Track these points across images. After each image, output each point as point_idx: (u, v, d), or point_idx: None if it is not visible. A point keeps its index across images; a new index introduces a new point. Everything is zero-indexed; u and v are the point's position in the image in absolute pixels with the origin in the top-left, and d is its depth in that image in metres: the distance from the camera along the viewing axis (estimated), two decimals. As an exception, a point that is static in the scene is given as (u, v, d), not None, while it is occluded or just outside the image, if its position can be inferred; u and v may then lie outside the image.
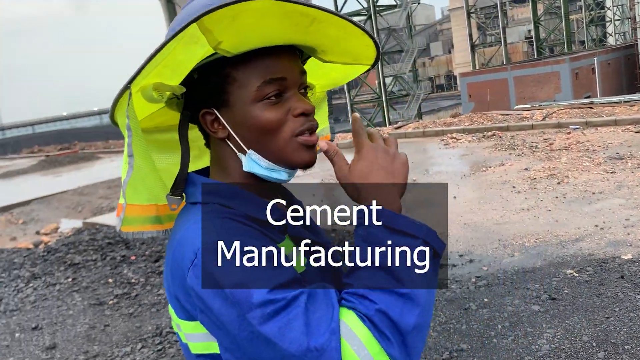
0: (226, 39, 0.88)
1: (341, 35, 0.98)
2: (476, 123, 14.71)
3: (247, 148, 0.96)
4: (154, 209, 1.03)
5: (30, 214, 12.85)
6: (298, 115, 0.95)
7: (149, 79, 0.89)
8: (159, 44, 0.85)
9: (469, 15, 52.25)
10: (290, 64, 0.96)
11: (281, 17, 0.88)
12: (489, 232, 6.16)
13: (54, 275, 6.51)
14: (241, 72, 0.93)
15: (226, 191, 0.95)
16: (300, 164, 0.98)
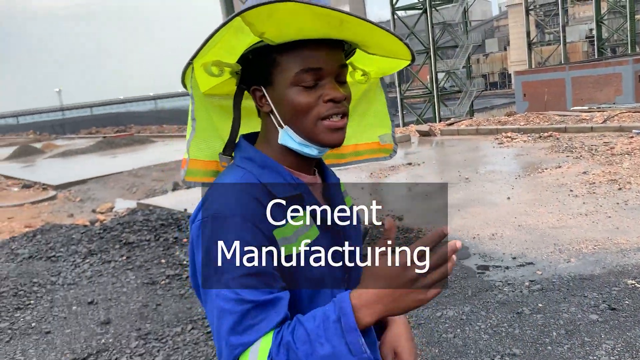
0: (268, 31, 1.01)
1: (371, 34, 1.06)
2: (532, 123, 14.31)
3: (284, 124, 1.09)
4: (214, 165, 1.20)
5: (87, 192, 13.33)
6: (327, 100, 1.06)
7: (209, 57, 1.07)
8: (212, 30, 1.00)
9: (528, 12, 50.72)
10: (328, 56, 1.07)
11: (312, 16, 0.98)
12: (544, 236, 5.99)
13: (109, 252, 6.72)
14: (284, 58, 1.06)
15: (260, 161, 1.11)
16: (326, 144, 1.09)
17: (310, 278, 1.07)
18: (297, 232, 1.07)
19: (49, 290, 5.71)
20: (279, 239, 1.03)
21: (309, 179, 1.17)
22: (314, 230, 1.09)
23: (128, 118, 53.82)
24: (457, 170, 10.06)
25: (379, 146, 1.46)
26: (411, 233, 6.55)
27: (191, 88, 1.10)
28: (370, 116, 1.43)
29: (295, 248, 1.05)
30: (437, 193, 8.65)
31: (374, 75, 1.33)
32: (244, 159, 1.12)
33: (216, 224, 0.99)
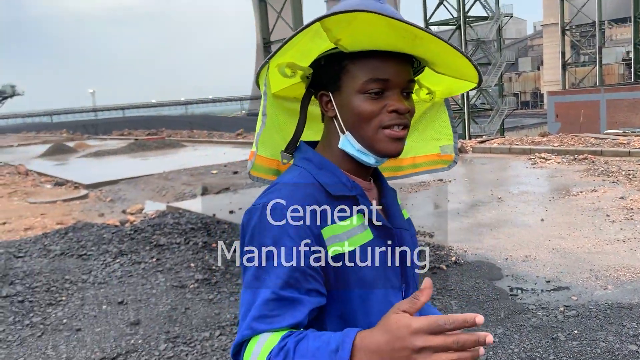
0: (343, 38, 1.05)
1: (442, 52, 1.09)
2: (566, 144, 14.07)
3: (347, 129, 1.13)
4: (275, 163, 1.27)
5: (118, 193, 13.50)
6: (391, 111, 1.09)
7: (285, 58, 1.12)
8: (292, 33, 1.06)
9: (564, 32, 50.13)
10: (396, 69, 1.10)
11: (388, 29, 1.02)
12: (580, 261, 5.85)
13: (139, 253, 6.78)
14: (355, 66, 1.10)
15: (318, 162, 1.14)
16: (384, 153, 1.12)
17: (362, 279, 1.07)
18: (349, 232, 1.08)
19: (80, 287, 5.78)
20: (327, 237, 1.05)
21: (365, 185, 1.19)
22: (367, 233, 1.11)
23: (159, 122, 54.60)
24: (489, 189, 9.93)
25: (439, 157, 1.47)
26: (442, 251, 6.46)
27: (264, 85, 1.15)
28: (431, 130, 1.44)
29: (346, 247, 1.06)
30: (469, 211, 8.56)
31: (439, 95, 1.35)
32: (302, 159, 1.16)
33: (265, 212, 1.03)
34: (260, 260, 1.00)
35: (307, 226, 1.03)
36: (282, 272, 0.98)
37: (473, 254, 6.35)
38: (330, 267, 1.04)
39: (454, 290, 5.26)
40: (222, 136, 28.84)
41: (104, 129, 52.34)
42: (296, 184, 1.09)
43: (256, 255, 1.00)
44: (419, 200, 9.75)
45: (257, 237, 1.02)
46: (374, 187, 1.24)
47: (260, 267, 1.00)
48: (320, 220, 1.05)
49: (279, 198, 1.04)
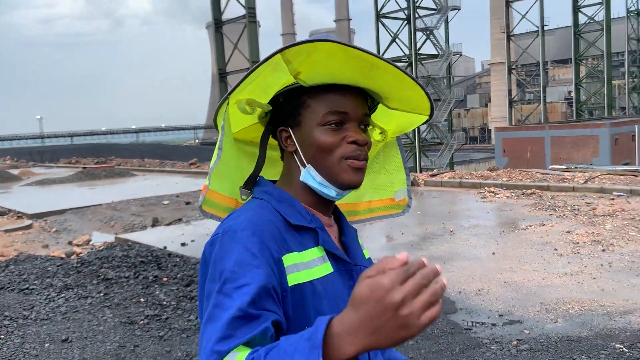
0: (303, 71, 1.08)
1: (397, 83, 1.13)
2: (515, 179, 14.51)
3: (307, 163, 1.14)
4: (234, 202, 1.25)
5: (64, 223, 13.00)
6: (351, 142, 1.12)
7: (244, 94, 1.13)
8: (253, 67, 1.07)
9: (510, 71, 52.31)
10: (354, 103, 1.13)
11: (346, 59, 1.05)
12: (531, 294, 5.96)
13: (86, 287, 6.50)
14: (314, 100, 1.12)
15: (278, 195, 1.15)
16: (346, 183, 1.13)
17: (320, 312, 1.04)
18: (309, 264, 1.07)
19: (20, 324, 5.47)
20: (287, 265, 1.03)
21: (326, 221, 1.19)
22: (327, 266, 1.10)
23: (109, 150, 53.38)
24: (442, 222, 10.09)
25: (393, 202, 1.47)
26: (397, 284, 6.47)
27: (223, 120, 1.15)
28: (384, 174, 1.45)
29: (303, 278, 1.04)
30: (422, 244, 8.65)
31: (392, 134, 1.38)
32: (262, 192, 1.17)
33: (226, 237, 1.02)
34: (223, 286, 0.95)
35: (267, 248, 1.01)
36: (248, 291, 0.93)
37: (427, 287, 6.38)
38: (289, 296, 1.02)
39: (410, 324, 5.25)
40: (174, 165, 28.38)
41: (51, 157, 50.72)
42: (256, 211, 1.09)
43: (218, 283, 0.96)
44: (373, 232, 9.79)
45: (219, 263, 0.99)
46: (335, 225, 1.23)
47: (221, 293, 0.95)
48: (280, 247, 1.04)
49: (238, 223, 1.04)
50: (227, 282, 0.95)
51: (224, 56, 26.29)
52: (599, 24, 46.80)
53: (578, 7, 47.90)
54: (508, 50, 51.49)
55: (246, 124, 1.25)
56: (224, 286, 0.95)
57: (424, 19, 39.83)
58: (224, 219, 1.11)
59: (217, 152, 1.15)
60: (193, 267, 7.27)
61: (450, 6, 40.50)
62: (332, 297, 1.08)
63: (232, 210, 1.22)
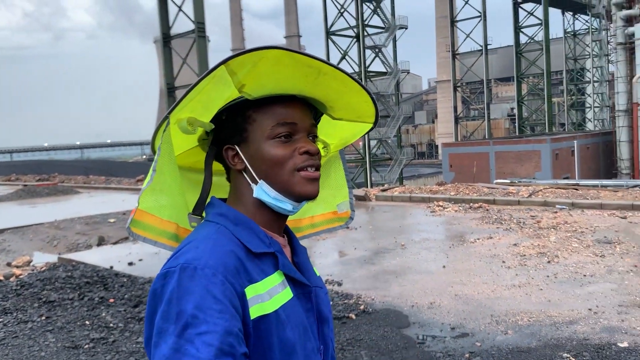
0: (248, 83, 1.05)
1: (343, 89, 1.12)
2: (462, 193, 14.83)
3: (259, 179, 1.10)
4: (174, 227, 1.17)
5: (2, 244, 12.38)
6: (302, 153, 1.10)
7: (185, 113, 1.07)
8: (195, 81, 1.02)
9: (455, 89, 53.84)
10: (301, 113, 1.12)
11: (293, 68, 1.03)
12: (481, 307, 6.06)
13: (26, 311, 6.18)
14: (260, 114, 1.10)
15: (234, 217, 1.09)
16: (302, 194, 1.10)
17: (284, 342, 1.01)
18: (271, 291, 1.03)
19: (-47, 353, 5.14)
20: (250, 297, 0.99)
21: (282, 241, 1.16)
22: (287, 291, 1.07)
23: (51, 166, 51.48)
24: (393, 237, 10.17)
25: (336, 215, 1.46)
26: (350, 299, 6.46)
27: (160, 140, 1.09)
28: (327, 188, 1.43)
29: (269, 308, 1.01)
30: (374, 258, 8.69)
31: (335, 147, 1.37)
32: (217, 214, 1.11)
33: (184, 275, 0.94)
34: (184, 330, 0.89)
35: (232, 285, 0.96)
36: (214, 339, 0.88)
37: (381, 301, 6.40)
38: (251, 329, 0.97)
39: (364, 340, 5.24)
40: (120, 182, 27.60)
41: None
42: (216, 241, 1.02)
43: (175, 325, 0.89)
44: (326, 247, 9.78)
45: (176, 303, 0.91)
46: (288, 245, 1.20)
47: (182, 338, 0.88)
48: (243, 279, 0.99)
49: (198, 258, 0.96)
50: (188, 327, 0.89)
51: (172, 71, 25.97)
52: (539, 43, 48.89)
53: (519, 28, 49.97)
54: (453, 69, 53.03)
55: (185, 147, 1.20)
56: (185, 331, 0.89)
57: (372, 37, 40.61)
58: (180, 248, 1.03)
59: (151, 172, 1.09)
60: (141, 287, 7.04)
61: (397, 25, 41.46)
62: (294, 323, 1.05)
63: (171, 235, 1.17)
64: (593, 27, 59.42)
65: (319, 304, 1.15)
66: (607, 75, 59.35)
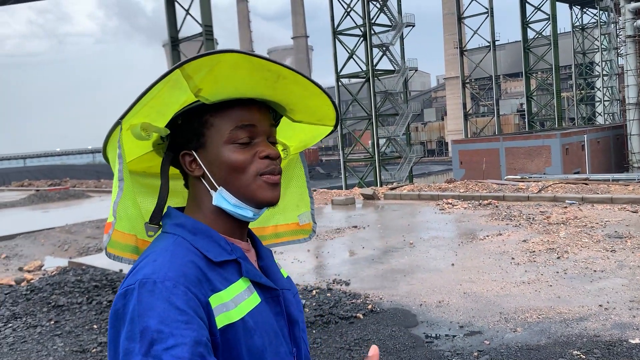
0: (205, 87, 1.01)
1: (304, 93, 1.08)
2: (471, 190, 14.76)
3: (218, 185, 1.06)
4: (133, 239, 1.12)
5: (14, 248, 12.50)
6: (263, 157, 1.06)
7: (138, 118, 1.02)
8: (148, 85, 0.97)
9: (464, 85, 53.56)
10: (260, 116, 1.08)
11: (251, 71, 1.00)
12: (490, 304, 6.02)
13: (35, 316, 6.22)
14: (218, 118, 1.05)
15: (192, 226, 1.05)
16: (263, 200, 1.07)
17: (251, 349, 0.98)
18: (236, 299, 1.00)
19: (-37, 358, 5.18)
20: (215, 306, 0.96)
21: (244, 246, 1.12)
22: (255, 297, 1.04)
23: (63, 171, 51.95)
24: (402, 235, 10.13)
25: (299, 227, 1.40)
26: (358, 299, 6.43)
27: (119, 148, 1.03)
28: (289, 194, 1.38)
29: (235, 316, 0.98)
30: (383, 257, 8.65)
31: (294, 150, 1.32)
32: (173, 225, 1.06)
33: (144, 290, 0.90)
34: (150, 348, 0.85)
35: (195, 295, 0.92)
36: (183, 351, 0.85)
37: (388, 301, 6.37)
38: (218, 339, 0.95)
39: (371, 339, 5.21)
40: (131, 186, 27.76)
41: (2, 180, 48.95)
42: (174, 252, 0.98)
43: (140, 344, 0.85)
44: (334, 247, 9.76)
45: (139, 321, 0.87)
46: (252, 249, 1.16)
47: (149, 355, 0.84)
48: (205, 289, 0.95)
49: (156, 271, 0.92)
50: (154, 343, 0.85)
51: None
52: (547, 38, 48.51)
53: (527, 23, 49.62)
54: (462, 65, 52.78)
55: (139, 153, 1.14)
56: (151, 347, 0.85)
57: (379, 35, 40.47)
58: (137, 264, 0.98)
59: (117, 183, 1.02)
60: (150, 290, 7.07)
61: (404, 23, 41.29)
62: (262, 329, 1.02)
63: (130, 247, 1.11)
64: (601, 20, 58.89)
65: (288, 307, 1.12)
66: (616, 68, 58.75)
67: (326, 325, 5.63)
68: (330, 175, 58.40)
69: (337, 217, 13.19)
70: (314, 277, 7.79)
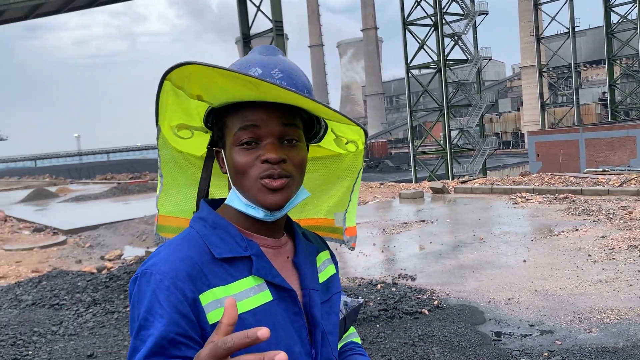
0: (202, 94, 1.03)
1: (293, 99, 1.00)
2: (547, 184, 14.17)
3: (233, 185, 1.08)
4: (185, 222, 1.16)
5: (97, 238, 13.24)
6: (263, 161, 1.03)
7: (171, 120, 1.10)
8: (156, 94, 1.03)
9: (541, 74, 51.34)
10: (267, 116, 1.03)
11: (227, 78, 0.96)
12: (563, 303, 5.76)
13: (113, 302, 6.57)
14: (230, 119, 1.06)
15: (212, 221, 1.07)
16: (263, 205, 1.05)
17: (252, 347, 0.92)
18: (238, 296, 1.00)
19: (48, 340, 5.55)
20: (205, 303, 0.97)
21: (270, 242, 1.11)
22: (266, 294, 1.03)
23: (143, 165, 54.45)
24: (472, 230, 9.89)
25: (335, 226, 1.39)
26: (424, 294, 6.35)
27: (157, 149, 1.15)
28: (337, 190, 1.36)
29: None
30: (451, 253, 8.48)
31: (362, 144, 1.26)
32: (196, 219, 1.10)
33: (143, 280, 0.98)
34: (139, 332, 0.95)
35: (179, 291, 0.96)
36: (151, 341, 0.93)
37: (455, 297, 6.24)
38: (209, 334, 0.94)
39: (436, 336, 5.13)
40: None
41: (88, 173, 51.96)
42: (176, 247, 1.02)
43: (135, 327, 0.96)
44: (401, 242, 9.66)
45: (137, 307, 0.97)
46: (288, 244, 1.15)
47: (138, 339, 0.95)
48: (198, 285, 0.98)
49: (155, 264, 0.99)
50: (142, 329, 0.94)
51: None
52: (632, 22, 45.60)
53: (610, 7, 46.81)
54: (538, 53, 50.62)
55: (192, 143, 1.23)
56: (139, 332, 0.95)
57: (451, 24, 39.48)
58: (151, 254, 1.06)
59: (159, 179, 1.14)
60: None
61: (477, 11, 40.05)
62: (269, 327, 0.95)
63: None
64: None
65: (312, 308, 1.09)
66: None
67: (390, 319, 5.59)
68: (400, 169, 57.75)
69: (405, 211, 13.04)
70: (379, 271, 7.75)
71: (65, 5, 25.46)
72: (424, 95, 42.45)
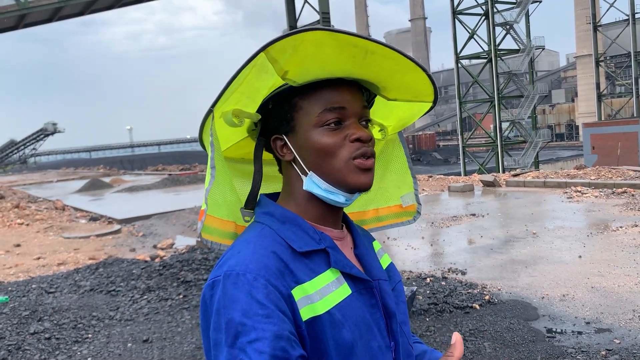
0: (291, 69, 0.98)
1: (396, 68, 1.02)
2: (604, 177, 13.67)
3: (309, 170, 1.04)
4: (232, 226, 1.11)
5: (150, 227, 13.62)
6: (354, 140, 1.02)
7: (229, 105, 1.02)
8: (235, 72, 0.96)
9: (598, 64, 49.37)
10: (350, 96, 1.04)
11: (337, 49, 0.96)
12: (622, 301, 5.56)
13: (166, 290, 6.75)
14: (307, 101, 1.03)
15: (280, 215, 1.04)
16: (355, 186, 1.03)
17: (341, 342, 0.95)
18: (322, 291, 0.97)
19: (106, 324, 5.76)
20: (298, 299, 0.94)
21: (336, 234, 1.09)
22: (345, 288, 1.01)
23: (193, 157, 55.57)
24: (524, 224, 9.65)
25: (402, 209, 1.34)
26: (475, 289, 6.24)
27: (211, 136, 1.03)
28: (389, 176, 1.33)
29: (319, 309, 0.95)
30: (502, 247, 8.30)
31: (392, 130, 1.27)
32: (263, 214, 1.06)
33: (228, 282, 0.92)
34: (235, 340, 0.87)
35: (275, 288, 0.92)
36: (265, 345, 0.86)
37: (507, 292, 6.12)
38: (304, 332, 0.94)
39: (487, 331, 5.04)
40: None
41: (140, 165, 53.46)
42: (257, 244, 0.98)
43: (226, 335, 0.88)
44: (450, 235, 9.52)
45: (224, 313, 0.90)
46: (348, 235, 1.13)
47: (235, 347, 0.87)
48: (288, 281, 0.95)
49: (239, 263, 0.94)
50: (239, 336, 0.87)
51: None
52: (699, 8, 43.28)
53: (674, -8, 44.53)
54: (595, 42, 48.69)
55: (235, 139, 1.16)
56: (236, 340, 0.88)
57: (502, 13, 38.43)
58: (224, 255, 1.00)
59: (210, 171, 1.03)
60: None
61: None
62: (352, 321, 0.98)
63: (230, 235, 1.11)
64: None
65: (384, 298, 1.07)
66: None
67: (440, 314, 5.53)
68: (448, 161, 56.87)
69: (454, 205, 12.84)
70: (428, 264, 7.67)
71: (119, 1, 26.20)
72: (473, 86, 41.57)
